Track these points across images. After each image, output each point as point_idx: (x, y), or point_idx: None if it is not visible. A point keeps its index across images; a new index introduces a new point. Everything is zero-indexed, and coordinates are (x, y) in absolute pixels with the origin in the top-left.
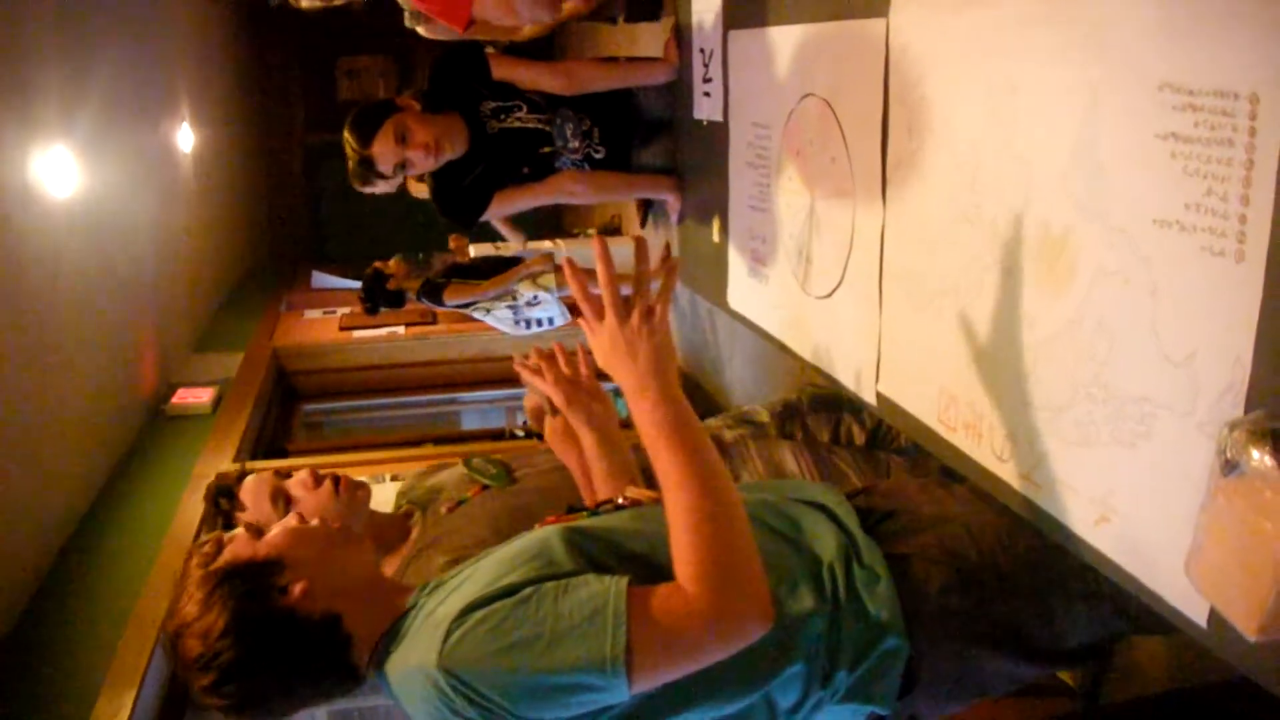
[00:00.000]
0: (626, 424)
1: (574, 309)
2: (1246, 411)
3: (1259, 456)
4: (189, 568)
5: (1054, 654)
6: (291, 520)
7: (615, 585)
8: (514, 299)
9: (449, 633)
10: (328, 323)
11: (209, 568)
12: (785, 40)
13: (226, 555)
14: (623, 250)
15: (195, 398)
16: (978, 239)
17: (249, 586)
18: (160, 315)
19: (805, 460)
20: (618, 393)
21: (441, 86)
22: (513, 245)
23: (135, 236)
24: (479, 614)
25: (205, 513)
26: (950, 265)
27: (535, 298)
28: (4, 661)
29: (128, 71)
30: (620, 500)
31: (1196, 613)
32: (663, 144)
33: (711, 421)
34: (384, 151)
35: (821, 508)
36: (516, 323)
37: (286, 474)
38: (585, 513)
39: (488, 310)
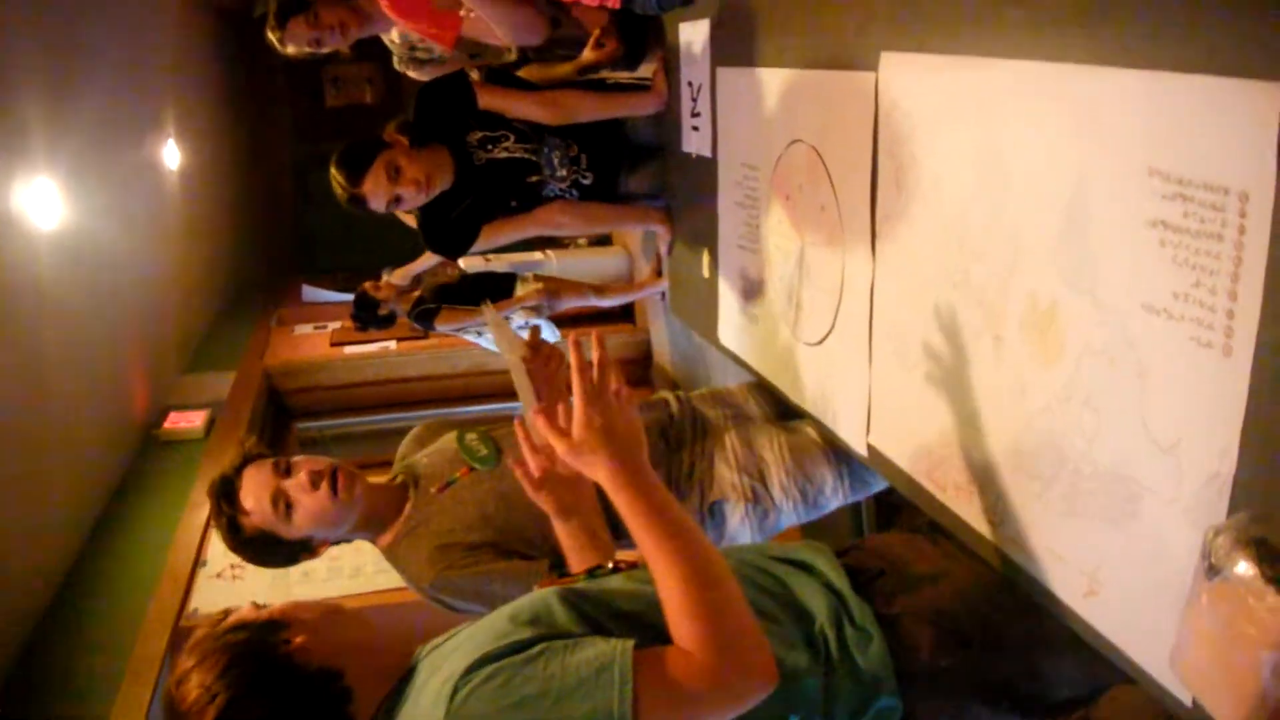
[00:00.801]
0: None
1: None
2: (1231, 502)
3: (1243, 566)
4: (193, 635)
5: (1044, 706)
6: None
7: (621, 645)
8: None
9: (456, 690)
10: (319, 338)
11: (213, 629)
12: (774, 83)
13: (231, 619)
14: (613, 262)
15: (188, 422)
16: (967, 303)
17: (250, 636)
18: (150, 338)
19: (780, 444)
20: None
21: (428, 118)
22: (505, 258)
23: (122, 260)
24: (486, 670)
25: (211, 515)
26: (939, 326)
27: (526, 323)
28: (9, 694)
29: (112, 92)
30: (610, 565)
31: (1182, 693)
32: (652, 170)
33: (694, 395)
34: (375, 190)
35: (808, 568)
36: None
37: (286, 468)
38: (581, 577)
39: (479, 333)
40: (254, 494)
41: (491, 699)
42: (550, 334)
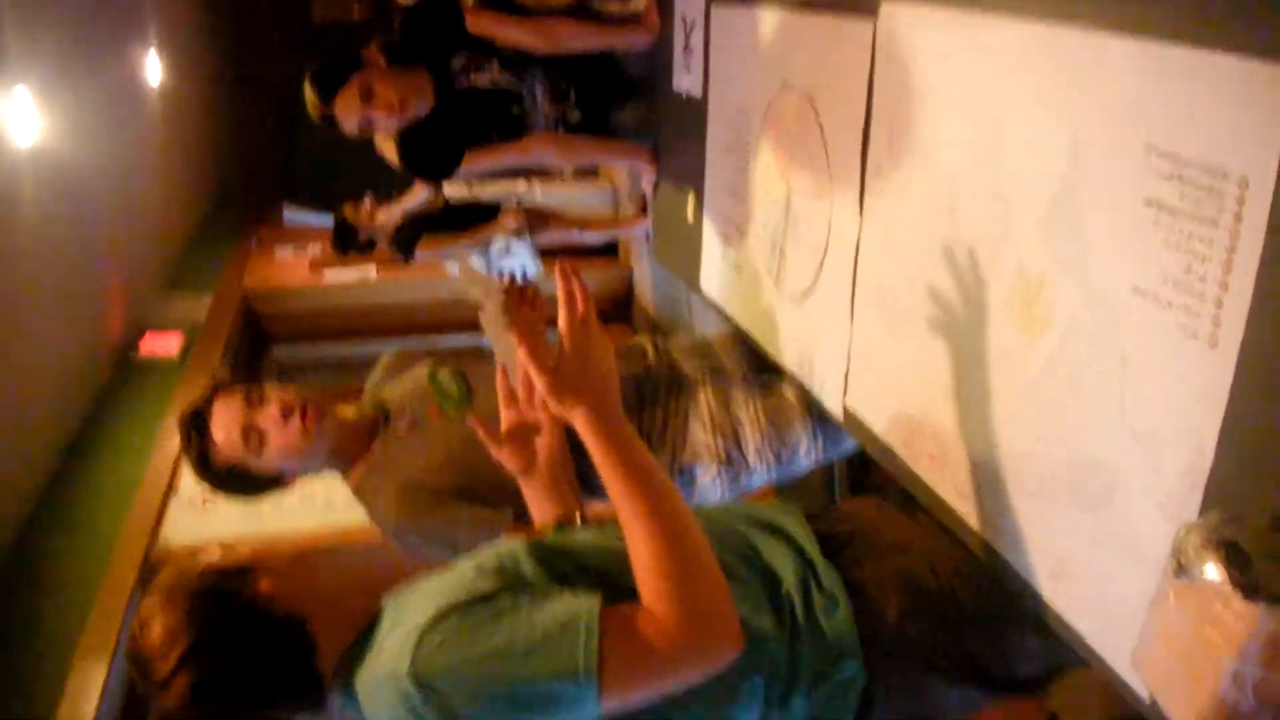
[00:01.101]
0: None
1: (544, 254)
2: (1205, 498)
3: (1211, 569)
4: (159, 577)
5: (1008, 682)
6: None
7: (589, 601)
8: (486, 247)
9: (421, 640)
10: (299, 262)
11: (179, 572)
12: (769, 23)
13: (198, 563)
14: (598, 196)
15: (164, 343)
16: (954, 269)
17: (216, 582)
18: (127, 257)
19: (756, 405)
20: None
21: (413, 37)
22: (489, 187)
23: (101, 176)
24: (452, 621)
25: (180, 447)
26: (924, 289)
27: (508, 246)
28: None
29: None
30: (577, 517)
31: (1141, 687)
32: (641, 108)
33: (673, 343)
34: (347, 110)
35: (778, 530)
36: (489, 273)
37: (258, 400)
38: (550, 530)
39: (454, 261)
40: (225, 426)
41: (456, 650)
42: (532, 263)
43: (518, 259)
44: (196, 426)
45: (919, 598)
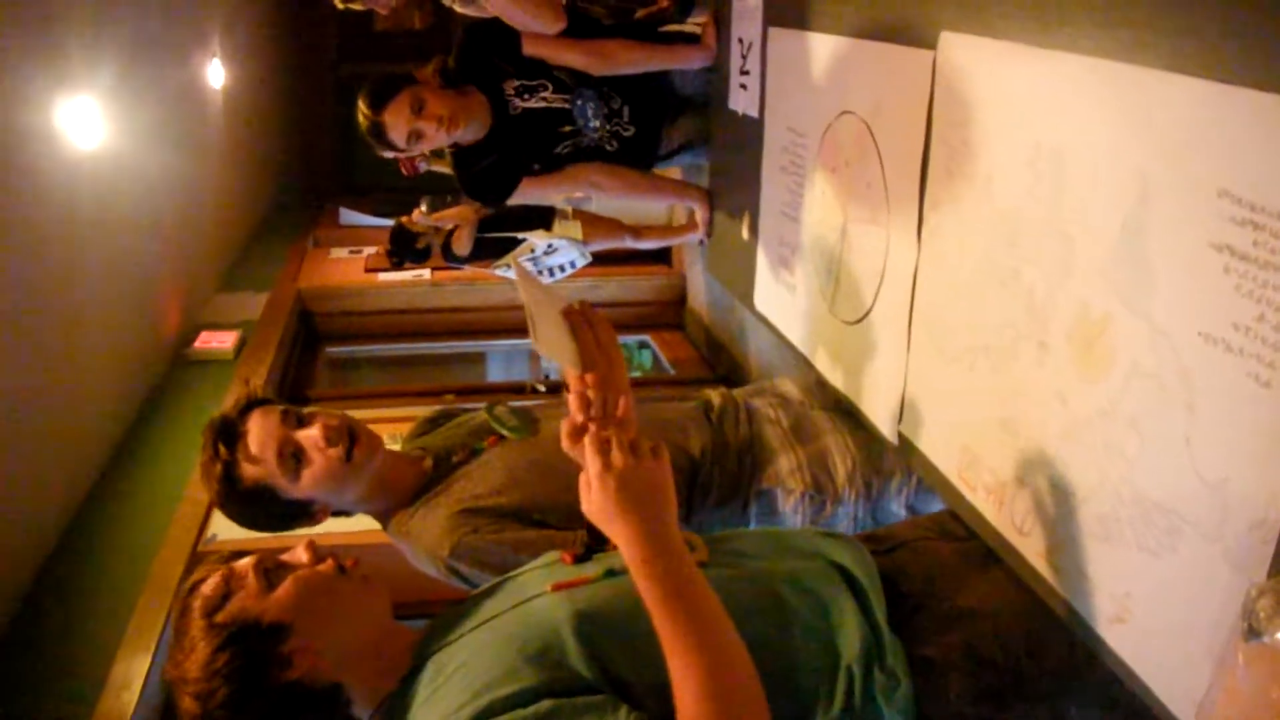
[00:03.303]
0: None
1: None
2: (1278, 551)
3: None
4: (191, 607)
5: None
6: (303, 556)
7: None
8: (531, 250)
9: None
10: (354, 263)
11: (213, 618)
12: (827, 49)
13: (234, 608)
14: (652, 203)
15: (219, 342)
16: (1014, 303)
17: (254, 654)
18: (185, 257)
19: (844, 435)
20: None
21: (468, 59)
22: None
23: (162, 178)
24: None
25: (203, 458)
26: (983, 323)
27: (550, 245)
28: (31, 607)
29: (156, 8)
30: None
31: None
32: (694, 124)
33: (737, 392)
34: (396, 120)
35: (851, 580)
36: (538, 273)
37: (297, 420)
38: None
39: (507, 265)
40: (261, 440)
41: None
42: (580, 257)
43: (564, 256)
44: (226, 436)
45: (981, 675)
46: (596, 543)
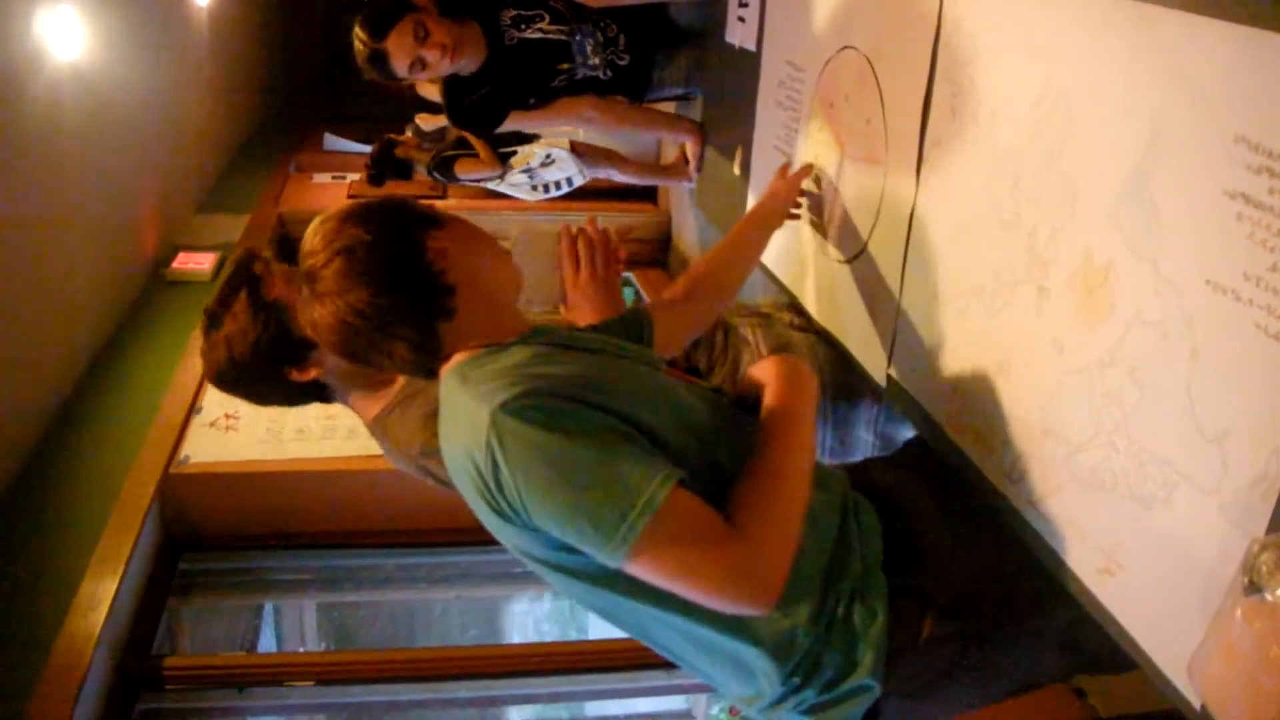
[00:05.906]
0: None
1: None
2: (1277, 508)
3: None
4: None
5: (1010, 692)
6: None
7: (665, 477)
8: (528, 161)
9: (525, 392)
10: (337, 188)
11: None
12: None
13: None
14: (642, 136)
15: (196, 264)
16: (1013, 246)
17: (402, 210)
18: (165, 174)
19: (817, 354)
20: None
21: None
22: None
23: (142, 95)
24: (557, 403)
25: (211, 302)
26: (980, 265)
27: (549, 156)
28: (3, 516)
29: None
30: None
31: (1191, 694)
32: (688, 60)
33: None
34: (399, 48)
35: (862, 518)
36: (534, 188)
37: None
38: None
39: (502, 179)
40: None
41: (541, 426)
42: (579, 173)
43: (562, 170)
44: (250, 277)
45: (955, 617)
46: None
